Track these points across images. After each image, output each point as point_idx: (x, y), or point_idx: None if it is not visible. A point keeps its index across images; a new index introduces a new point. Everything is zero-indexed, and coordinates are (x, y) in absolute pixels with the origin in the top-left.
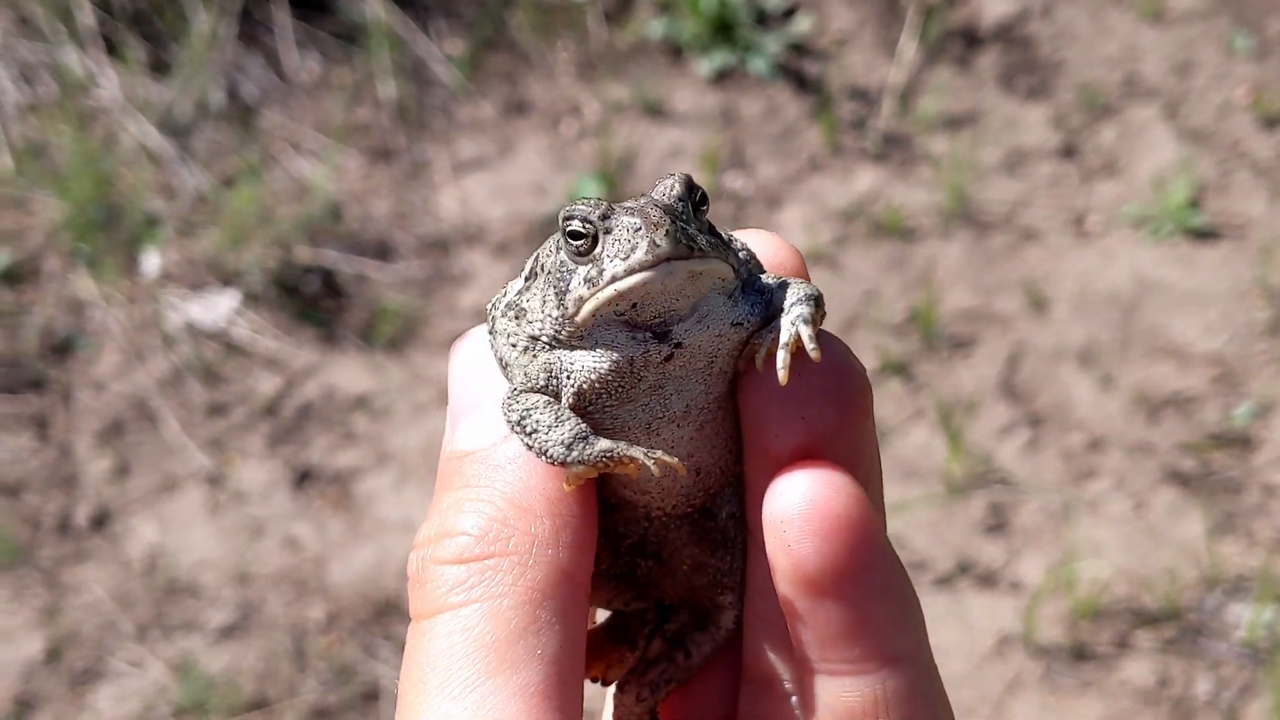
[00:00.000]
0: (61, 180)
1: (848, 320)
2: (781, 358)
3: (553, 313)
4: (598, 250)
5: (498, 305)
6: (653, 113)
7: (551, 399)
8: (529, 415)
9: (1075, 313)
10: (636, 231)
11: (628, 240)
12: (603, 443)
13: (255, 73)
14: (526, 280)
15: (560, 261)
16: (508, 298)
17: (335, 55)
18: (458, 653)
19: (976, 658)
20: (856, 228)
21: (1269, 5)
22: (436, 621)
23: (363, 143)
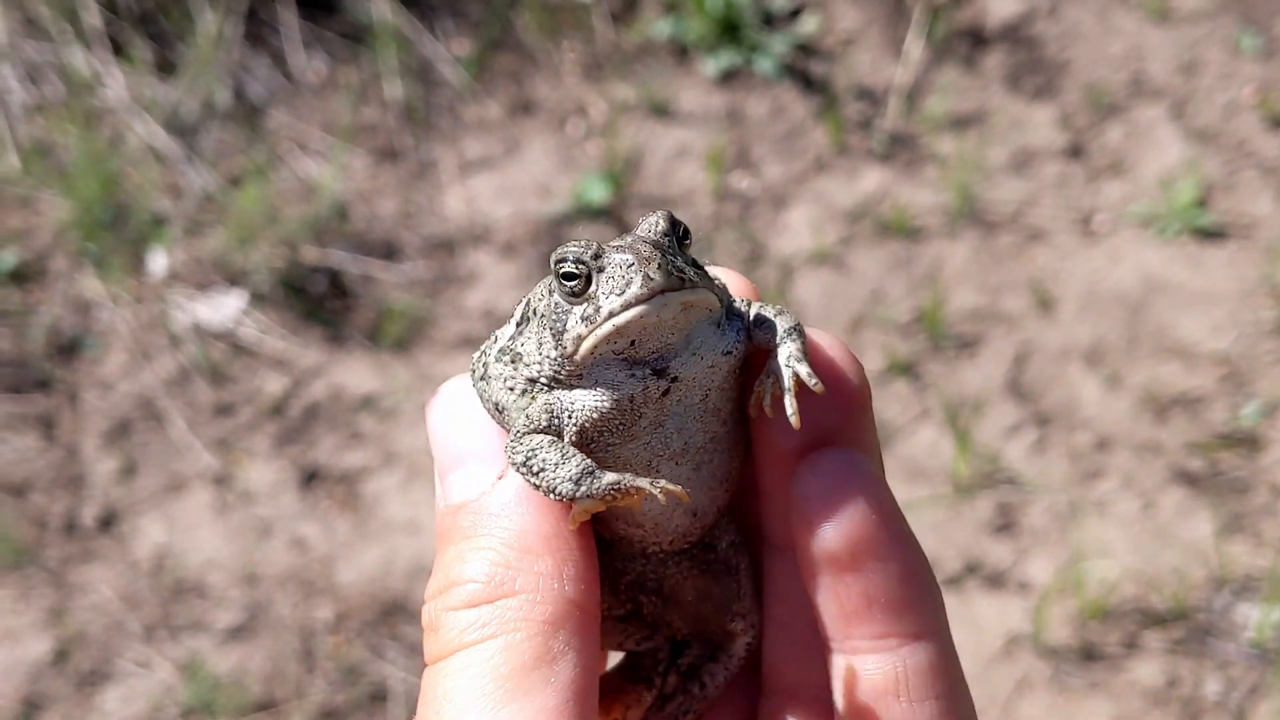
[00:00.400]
0: (68, 180)
1: (854, 320)
2: (790, 404)
3: (550, 353)
4: (592, 289)
5: (488, 352)
6: (659, 113)
7: (555, 438)
8: (534, 455)
9: (1082, 312)
10: (630, 267)
11: (622, 276)
12: (609, 475)
13: (262, 73)
14: (519, 325)
15: (554, 303)
16: (499, 344)
17: (342, 55)
18: (474, 684)
19: (985, 658)
20: (863, 228)
21: (1276, 5)
22: (452, 660)
23: (369, 143)
